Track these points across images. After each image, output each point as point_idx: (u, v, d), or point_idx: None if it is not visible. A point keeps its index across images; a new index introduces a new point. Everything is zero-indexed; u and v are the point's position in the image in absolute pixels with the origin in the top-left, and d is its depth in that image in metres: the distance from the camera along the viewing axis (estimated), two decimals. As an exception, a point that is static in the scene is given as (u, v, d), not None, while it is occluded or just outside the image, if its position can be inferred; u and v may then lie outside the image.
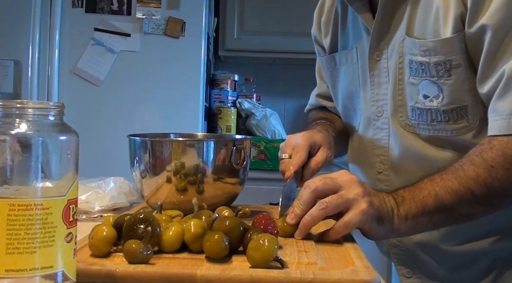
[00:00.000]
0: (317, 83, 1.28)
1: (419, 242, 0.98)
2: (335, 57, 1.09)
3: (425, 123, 0.90)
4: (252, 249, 0.65)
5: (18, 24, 2.18)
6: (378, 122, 0.99)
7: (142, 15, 2.22)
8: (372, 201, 0.78)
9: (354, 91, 1.04)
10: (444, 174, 0.81)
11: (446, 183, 0.80)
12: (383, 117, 0.98)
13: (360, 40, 1.01)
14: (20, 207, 0.50)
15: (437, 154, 0.91)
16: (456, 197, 0.79)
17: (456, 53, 0.84)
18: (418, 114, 0.91)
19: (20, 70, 2.18)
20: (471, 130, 0.88)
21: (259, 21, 2.70)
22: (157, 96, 2.24)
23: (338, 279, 0.61)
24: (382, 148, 0.99)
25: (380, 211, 0.78)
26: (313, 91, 1.32)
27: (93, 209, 1.01)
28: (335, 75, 1.10)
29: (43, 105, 0.53)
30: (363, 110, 1.03)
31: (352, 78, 1.04)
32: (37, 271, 0.51)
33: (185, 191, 0.92)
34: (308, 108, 1.35)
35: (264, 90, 2.98)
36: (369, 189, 0.79)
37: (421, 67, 0.88)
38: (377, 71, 0.98)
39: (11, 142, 0.51)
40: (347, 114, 1.11)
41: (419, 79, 0.89)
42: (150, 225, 0.69)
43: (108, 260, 0.67)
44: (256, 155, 2.49)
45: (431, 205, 0.79)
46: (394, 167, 0.98)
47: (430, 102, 0.88)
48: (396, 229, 0.81)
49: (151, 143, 0.95)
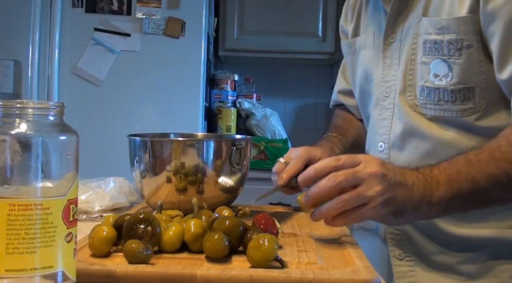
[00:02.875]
0: (338, 80, 1.32)
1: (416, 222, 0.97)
2: (356, 42, 1.11)
3: (432, 103, 0.91)
4: (252, 249, 0.65)
5: (18, 24, 2.18)
6: (385, 102, 1.01)
7: (142, 15, 2.22)
8: (394, 197, 0.75)
9: (370, 74, 1.06)
10: (480, 154, 0.79)
11: (483, 166, 0.78)
12: (390, 97, 1.00)
13: (378, 23, 1.04)
14: (20, 207, 0.50)
15: (440, 133, 0.92)
16: (493, 181, 0.78)
17: (468, 33, 0.86)
18: (426, 93, 0.92)
19: (20, 70, 2.18)
20: (476, 113, 0.88)
21: (259, 21, 2.70)
22: (157, 96, 2.24)
23: (338, 279, 0.61)
24: (385, 127, 1.01)
25: (401, 206, 0.77)
26: (335, 87, 1.35)
27: (93, 209, 1.01)
28: (355, 61, 1.12)
29: (43, 105, 0.53)
30: (374, 92, 1.05)
31: (369, 61, 1.06)
32: (37, 271, 0.51)
33: (185, 191, 0.92)
34: (332, 104, 1.39)
35: (264, 90, 2.98)
36: (394, 181, 0.76)
37: (435, 46, 0.90)
38: (389, 53, 1.00)
39: (11, 142, 0.51)
40: (363, 100, 1.12)
41: (431, 58, 0.90)
42: (150, 225, 0.69)
43: (108, 260, 0.67)
44: (256, 155, 2.49)
45: (467, 190, 0.78)
46: (396, 146, 0.98)
47: (439, 82, 0.90)
48: (422, 215, 0.80)
49: (151, 142, 0.95)
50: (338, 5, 2.67)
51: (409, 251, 1.00)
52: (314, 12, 2.69)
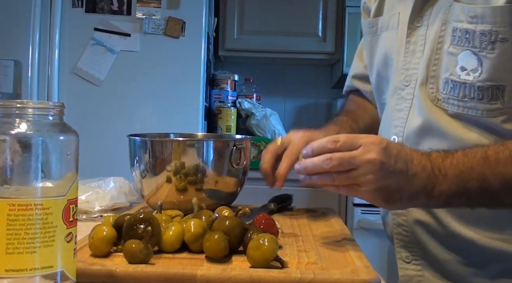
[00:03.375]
0: (353, 63, 1.22)
1: (425, 222, 0.89)
2: (378, 21, 1.02)
3: (456, 99, 0.83)
4: (252, 249, 0.65)
5: (18, 24, 2.18)
6: (403, 92, 0.92)
7: (142, 15, 2.22)
8: (388, 186, 0.72)
9: (390, 59, 0.97)
10: (501, 153, 0.73)
11: (499, 167, 0.72)
12: (409, 87, 0.91)
13: (405, 3, 0.94)
14: (20, 207, 0.50)
15: (461, 133, 0.83)
16: (506, 185, 0.72)
17: (504, 25, 0.78)
18: (450, 87, 0.84)
19: (20, 70, 2.18)
20: (503, 114, 0.80)
21: (259, 21, 2.70)
22: (157, 96, 2.24)
23: (338, 279, 0.61)
24: (400, 119, 0.92)
25: (395, 194, 0.73)
26: (350, 71, 1.23)
27: (93, 209, 1.01)
28: (374, 42, 1.03)
29: (43, 105, 0.53)
30: (392, 79, 0.96)
31: (390, 45, 0.97)
32: (37, 271, 0.51)
33: (185, 191, 0.92)
34: (346, 90, 1.26)
35: (264, 90, 2.98)
36: (393, 170, 0.71)
37: (465, 35, 0.82)
38: (414, 38, 0.91)
39: (11, 142, 0.51)
40: (379, 86, 1.03)
41: (459, 49, 0.82)
42: (150, 225, 0.69)
43: (108, 260, 0.67)
44: (256, 155, 2.49)
45: (474, 189, 0.73)
46: (410, 141, 0.90)
47: (466, 76, 0.81)
48: (419, 205, 0.76)
49: (151, 142, 0.95)
50: (338, 5, 2.67)
51: (417, 255, 0.92)
52: (314, 12, 2.69)
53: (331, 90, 3.05)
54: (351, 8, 2.59)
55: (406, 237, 0.93)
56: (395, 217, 0.93)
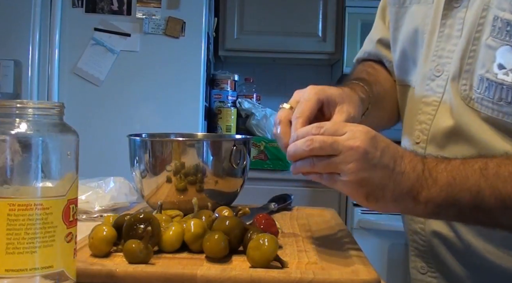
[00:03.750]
0: (376, 26, 1.03)
1: (443, 235, 0.81)
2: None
3: (491, 101, 0.71)
4: (252, 249, 0.65)
5: (18, 24, 2.18)
6: (433, 83, 0.80)
7: (142, 15, 2.22)
8: (369, 179, 0.64)
9: (420, 38, 0.84)
10: (503, 167, 0.63)
11: (498, 182, 0.63)
12: (441, 78, 0.79)
13: None
14: (20, 207, 0.50)
15: (493, 141, 0.72)
16: (501, 204, 0.63)
17: None
18: (485, 87, 0.71)
19: (20, 70, 2.18)
20: None
21: (259, 21, 2.70)
22: (157, 96, 2.24)
23: (338, 279, 0.61)
24: (427, 115, 0.81)
25: (378, 192, 0.65)
26: (370, 36, 1.05)
27: (93, 209, 1.01)
28: (401, 14, 0.89)
29: (43, 105, 0.53)
30: (421, 65, 0.84)
31: (422, 21, 0.84)
32: (37, 271, 0.51)
33: (185, 191, 0.91)
34: (359, 57, 1.07)
35: (264, 90, 2.98)
36: (377, 163, 0.64)
37: (506, 27, 0.69)
38: (450, 21, 0.79)
39: (11, 142, 0.51)
40: (403, 65, 0.90)
41: (499, 43, 0.70)
42: (150, 225, 0.69)
43: (108, 260, 0.67)
44: (256, 155, 2.49)
45: (466, 201, 0.64)
46: (435, 141, 0.79)
47: (504, 76, 0.69)
48: (407, 211, 0.68)
49: (151, 142, 0.95)
50: (338, 5, 2.67)
51: (434, 267, 0.83)
52: (314, 12, 2.69)
53: (331, 90, 3.04)
54: (351, 8, 2.59)
55: (422, 246, 0.85)
56: (411, 223, 0.86)
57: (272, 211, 1.02)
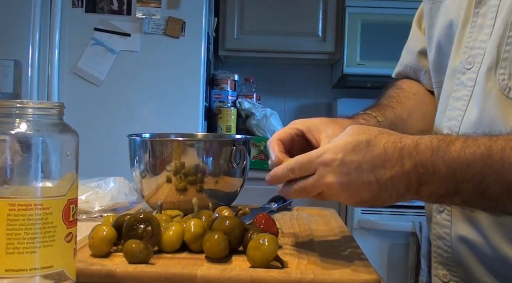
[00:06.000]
0: (413, 36, 0.99)
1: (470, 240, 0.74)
2: None
3: None
4: (252, 249, 0.65)
5: (18, 24, 2.18)
6: (464, 76, 0.75)
7: (142, 15, 2.22)
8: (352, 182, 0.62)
9: (455, 31, 0.80)
10: (508, 150, 0.57)
11: (503, 170, 0.57)
12: (472, 71, 0.74)
13: None
14: (20, 207, 0.50)
15: None
16: (508, 191, 0.58)
17: None
18: None
19: (20, 70, 2.18)
20: None
21: (259, 21, 2.70)
22: (157, 96, 2.24)
23: (338, 279, 0.61)
24: (457, 110, 0.76)
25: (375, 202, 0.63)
26: (407, 48, 1.01)
27: (93, 209, 1.01)
28: (435, 10, 0.86)
29: (43, 105, 0.53)
30: (452, 58, 0.79)
31: (457, 13, 0.80)
32: (37, 271, 0.51)
33: (185, 191, 0.92)
34: (397, 72, 1.03)
35: (264, 90, 2.98)
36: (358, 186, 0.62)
37: None
38: (484, 9, 0.74)
39: (11, 142, 0.51)
40: (439, 62, 0.86)
41: None
42: (150, 225, 0.69)
43: (108, 260, 0.67)
44: (256, 155, 2.50)
45: (469, 190, 0.59)
46: None
47: None
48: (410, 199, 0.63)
49: (151, 142, 0.95)
50: (338, 5, 2.67)
51: (458, 275, 0.78)
52: (314, 12, 2.69)
53: (331, 90, 3.05)
54: (351, 8, 2.59)
55: (446, 252, 0.79)
56: (435, 227, 0.80)
57: (272, 211, 1.02)
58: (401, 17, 2.46)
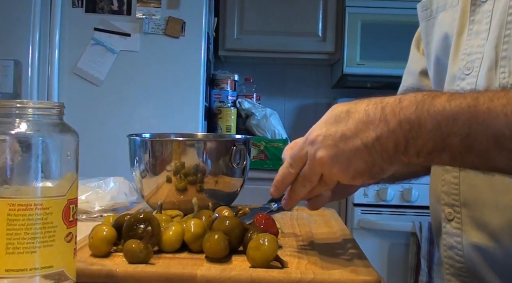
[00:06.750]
0: (413, 58, 1.00)
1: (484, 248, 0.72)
2: (433, 2, 0.86)
3: None
4: (252, 249, 0.65)
5: (18, 24, 2.18)
6: (464, 82, 0.75)
7: (142, 15, 2.22)
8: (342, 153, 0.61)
9: (451, 42, 0.81)
10: (495, 100, 0.55)
11: (489, 121, 0.54)
12: (471, 76, 0.75)
13: None
14: (20, 207, 0.50)
15: None
16: (495, 143, 0.55)
17: None
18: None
19: (20, 70, 2.18)
20: None
21: (259, 21, 2.70)
22: (157, 96, 2.24)
23: (338, 279, 0.61)
24: None
25: (372, 169, 0.61)
26: (408, 70, 1.01)
27: (93, 209, 1.01)
28: (430, 27, 0.88)
29: (43, 105, 0.53)
30: (450, 66, 0.80)
31: (450, 25, 0.81)
32: (37, 271, 0.51)
33: (185, 191, 0.92)
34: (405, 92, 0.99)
35: (264, 90, 2.98)
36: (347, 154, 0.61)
37: None
38: (478, 16, 0.76)
39: (11, 142, 0.51)
40: (439, 76, 0.86)
41: None
42: (150, 225, 0.69)
43: (108, 260, 0.67)
44: (256, 155, 2.50)
45: (456, 145, 0.56)
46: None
47: None
48: (404, 163, 0.61)
49: (151, 142, 0.95)
50: (338, 5, 2.67)
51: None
52: (314, 12, 2.69)
53: (331, 90, 3.05)
54: (351, 8, 2.59)
55: (459, 262, 0.76)
56: (446, 237, 0.78)
57: (272, 211, 1.02)
58: (401, 17, 2.46)
